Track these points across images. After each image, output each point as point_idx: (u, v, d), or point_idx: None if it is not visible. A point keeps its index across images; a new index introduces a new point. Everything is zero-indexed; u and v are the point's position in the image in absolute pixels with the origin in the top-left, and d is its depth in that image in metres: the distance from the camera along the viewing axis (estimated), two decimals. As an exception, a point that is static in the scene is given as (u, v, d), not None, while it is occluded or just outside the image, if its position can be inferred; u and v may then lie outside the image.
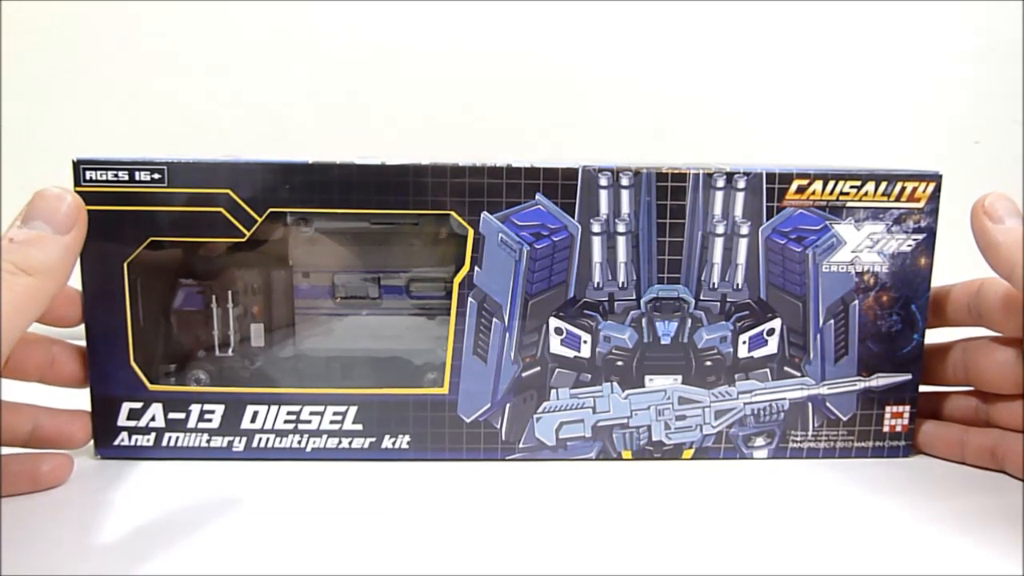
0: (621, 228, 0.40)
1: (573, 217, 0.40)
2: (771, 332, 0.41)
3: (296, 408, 0.41)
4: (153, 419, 0.40)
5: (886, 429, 0.42)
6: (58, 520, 0.34)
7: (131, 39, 0.64)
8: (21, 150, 0.65)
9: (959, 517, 0.36)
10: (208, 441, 0.41)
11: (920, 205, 0.40)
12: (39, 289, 0.31)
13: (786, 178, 0.40)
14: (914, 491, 0.39)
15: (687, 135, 0.67)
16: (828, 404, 0.42)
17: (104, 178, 0.38)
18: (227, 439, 0.41)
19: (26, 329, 0.31)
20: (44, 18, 0.64)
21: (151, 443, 0.40)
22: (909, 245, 0.41)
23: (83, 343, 0.39)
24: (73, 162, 0.38)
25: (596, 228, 0.40)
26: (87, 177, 0.38)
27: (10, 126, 0.65)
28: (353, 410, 0.41)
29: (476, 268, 0.40)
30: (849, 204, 0.40)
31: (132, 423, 0.40)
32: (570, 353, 0.41)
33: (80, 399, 0.40)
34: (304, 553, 0.32)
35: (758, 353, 0.42)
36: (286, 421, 0.41)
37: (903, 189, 0.40)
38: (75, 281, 0.38)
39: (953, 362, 0.42)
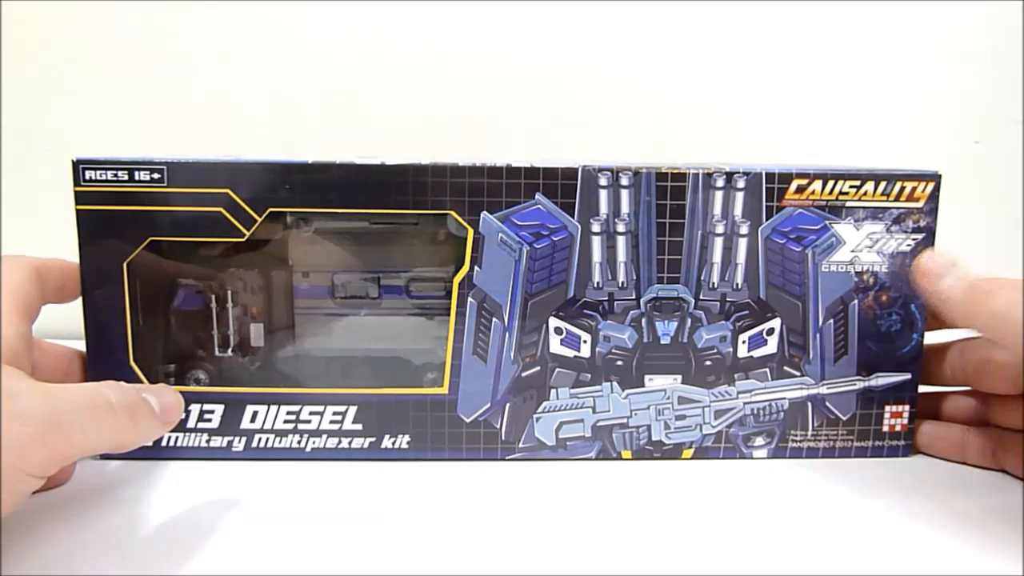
0: (621, 228, 0.40)
1: (573, 217, 0.40)
2: (771, 332, 0.41)
3: (296, 408, 0.41)
4: (153, 419, 0.40)
5: (886, 429, 0.42)
6: (58, 520, 0.34)
7: (131, 39, 0.64)
8: (21, 150, 0.65)
9: (959, 517, 0.36)
10: (208, 441, 0.41)
11: (919, 205, 0.40)
12: (114, 432, 0.32)
13: (785, 178, 0.40)
14: (914, 491, 0.39)
15: (687, 135, 0.67)
16: (828, 404, 0.42)
17: (103, 178, 0.38)
18: (227, 439, 0.41)
19: (82, 454, 0.32)
20: (44, 18, 0.64)
21: (150, 443, 0.40)
22: (908, 245, 0.41)
23: (83, 343, 0.40)
24: (72, 162, 0.38)
25: (596, 228, 0.40)
26: (86, 177, 0.38)
27: (10, 126, 0.65)
28: (353, 410, 0.41)
29: (476, 268, 0.40)
30: (848, 204, 0.40)
31: (132, 423, 0.40)
32: (570, 353, 0.41)
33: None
34: (304, 553, 0.32)
35: (758, 353, 0.42)
36: (286, 421, 0.41)
37: (902, 189, 0.40)
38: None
39: (951, 363, 0.42)
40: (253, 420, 0.41)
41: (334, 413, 0.41)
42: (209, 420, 0.41)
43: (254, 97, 0.65)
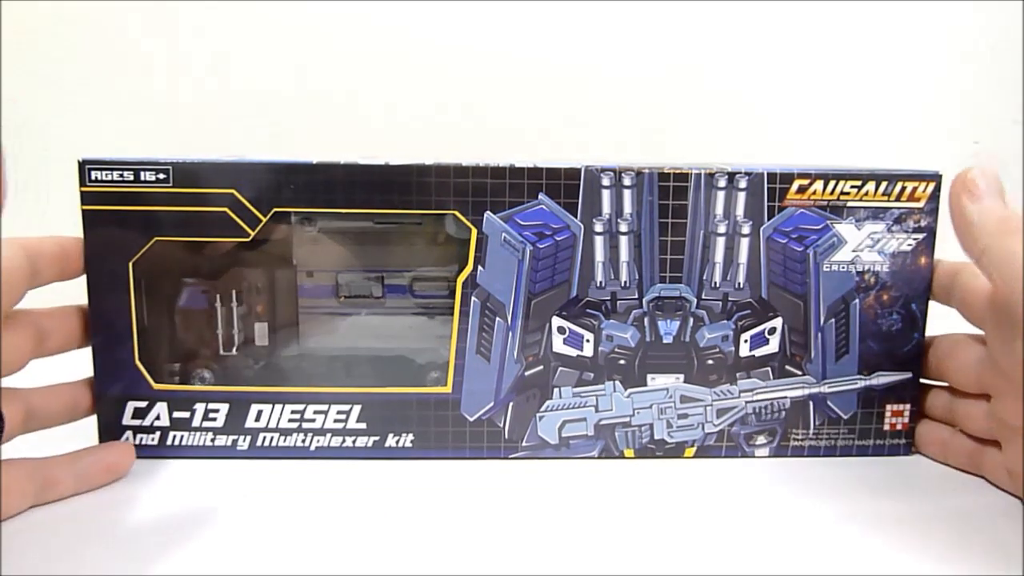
0: (623, 228, 0.40)
1: (576, 217, 0.40)
2: (772, 331, 0.41)
3: (300, 407, 0.41)
4: (158, 418, 0.40)
5: (886, 427, 0.43)
6: (58, 519, 0.35)
7: (135, 39, 0.64)
8: (25, 150, 0.65)
9: (959, 516, 0.36)
10: (212, 440, 0.41)
11: (920, 205, 0.40)
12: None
13: (787, 178, 0.40)
14: (914, 490, 0.39)
15: (689, 135, 0.67)
16: (829, 403, 0.42)
17: (109, 178, 0.38)
18: (231, 438, 0.41)
19: None
20: (45, 18, 0.64)
21: (155, 442, 0.41)
22: (909, 244, 0.41)
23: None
24: (79, 162, 0.38)
25: (599, 228, 0.40)
26: (92, 177, 0.38)
27: (13, 126, 0.65)
28: (357, 409, 0.41)
29: (479, 267, 0.40)
30: (850, 204, 0.40)
31: (137, 422, 0.40)
32: (573, 352, 0.41)
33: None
34: (308, 552, 0.32)
35: (759, 352, 0.42)
36: (290, 420, 0.41)
37: (903, 189, 0.40)
38: (80, 284, 0.39)
39: (933, 355, 0.41)
40: (258, 419, 0.41)
41: (338, 412, 0.41)
42: (214, 419, 0.41)
43: (257, 97, 0.65)
